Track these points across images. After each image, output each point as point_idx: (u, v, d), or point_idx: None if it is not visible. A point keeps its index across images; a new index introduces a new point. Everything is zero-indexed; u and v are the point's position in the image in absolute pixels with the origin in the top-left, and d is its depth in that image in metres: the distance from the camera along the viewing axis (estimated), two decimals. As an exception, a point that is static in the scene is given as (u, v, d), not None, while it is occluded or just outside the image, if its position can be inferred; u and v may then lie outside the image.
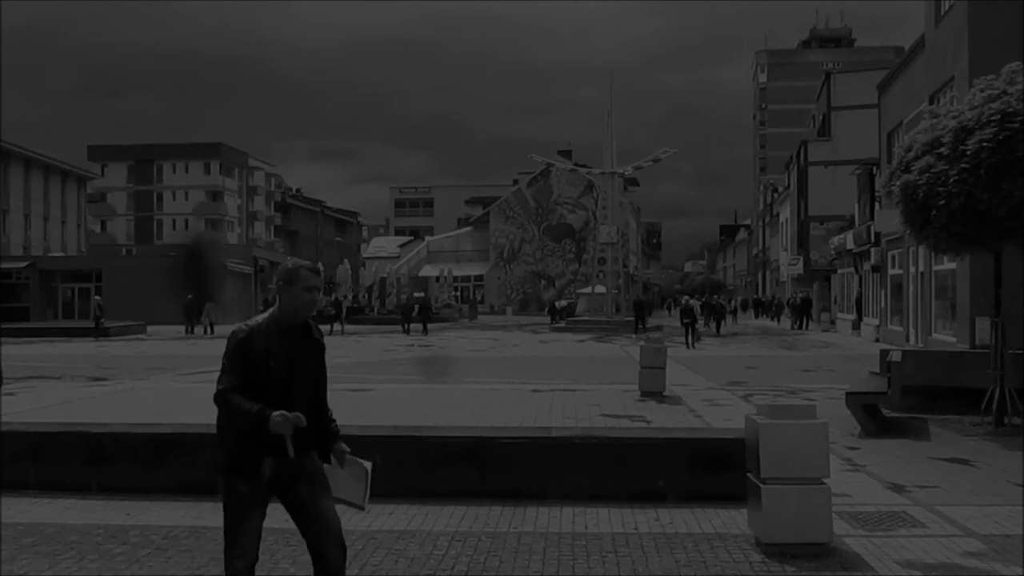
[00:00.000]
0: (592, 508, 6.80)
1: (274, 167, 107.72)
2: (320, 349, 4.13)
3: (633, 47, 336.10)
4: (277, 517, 6.64)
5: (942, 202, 10.31)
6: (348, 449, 4.15)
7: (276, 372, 3.87)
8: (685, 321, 29.20)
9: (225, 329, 37.11)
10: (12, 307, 43.19)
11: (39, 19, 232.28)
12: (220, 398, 3.88)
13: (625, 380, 15.80)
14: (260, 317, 4.03)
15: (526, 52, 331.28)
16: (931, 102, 21.93)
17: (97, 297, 38.22)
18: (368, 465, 4.14)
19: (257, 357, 3.86)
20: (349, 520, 6.57)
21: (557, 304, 54.08)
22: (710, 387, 15.99)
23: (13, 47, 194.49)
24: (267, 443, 3.82)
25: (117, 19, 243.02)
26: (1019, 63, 10.76)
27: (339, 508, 4.09)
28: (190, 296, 37.21)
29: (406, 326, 38.18)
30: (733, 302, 64.15)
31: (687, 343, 27.81)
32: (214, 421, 3.99)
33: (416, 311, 39.68)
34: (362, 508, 4.22)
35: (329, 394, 4.16)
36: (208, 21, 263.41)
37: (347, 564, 5.50)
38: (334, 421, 4.20)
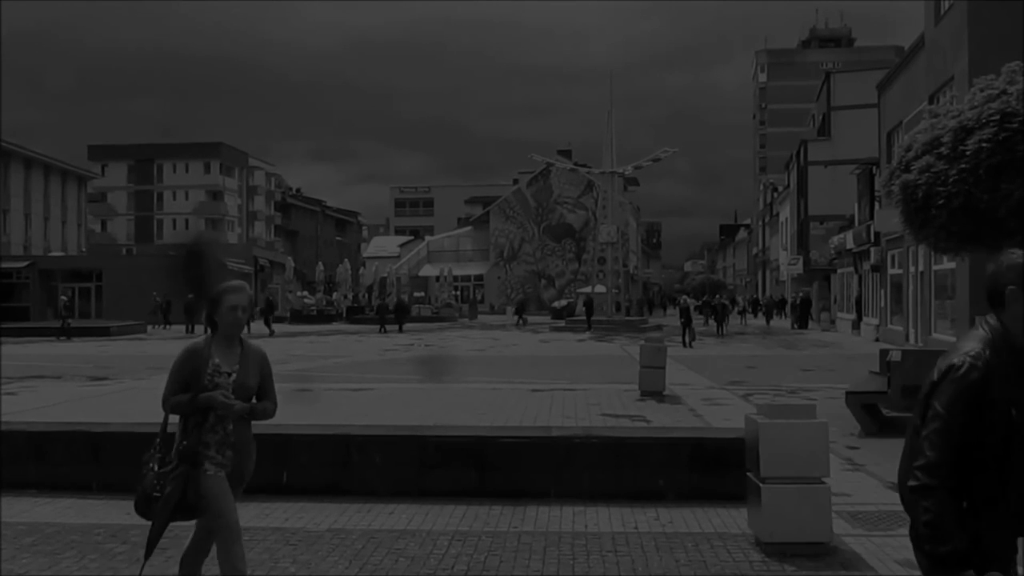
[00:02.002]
0: (592, 508, 6.80)
1: (274, 167, 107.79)
2: None
3: (633, 47, 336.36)
4: (276, 516, 6.66)
5: (942, 201, 10.33)
6: None
7: (1020, 429, 2.50)
8: (683, 320, 29.72)
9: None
10: (12, 307, 43.22)
11: (40, 20, 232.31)
12: (925, 485, 2.53)
13: (625, 380, 15.80)
14: (973, 342, 2.61)
15: (525, 53, 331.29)
16: (931, 102, 21.93)
17: (63, 297, 37.87)
18: None
19: (993, 408, 2.50)
20: (349, 519, 6.59)
21: (557, 304, 54.04)
22: (710, 386, 15.99)
23: (14, 48, 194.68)
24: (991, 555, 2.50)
25: (117, 20, 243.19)
26: (1019, 63, 10.77)
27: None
28: (190, 296, 37.17)
29: (383, 326, 38.37)
30: (742, 301, 63.63)
31: (683, 342, 28.03)
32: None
33: (392, 311, 40.01)
34: None
35: (330, 394, 4.09)
36: (208, 22, 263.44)
37: (348, 563, 5.53)
38: None
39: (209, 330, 4.45)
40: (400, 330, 38.30)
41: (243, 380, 4.32)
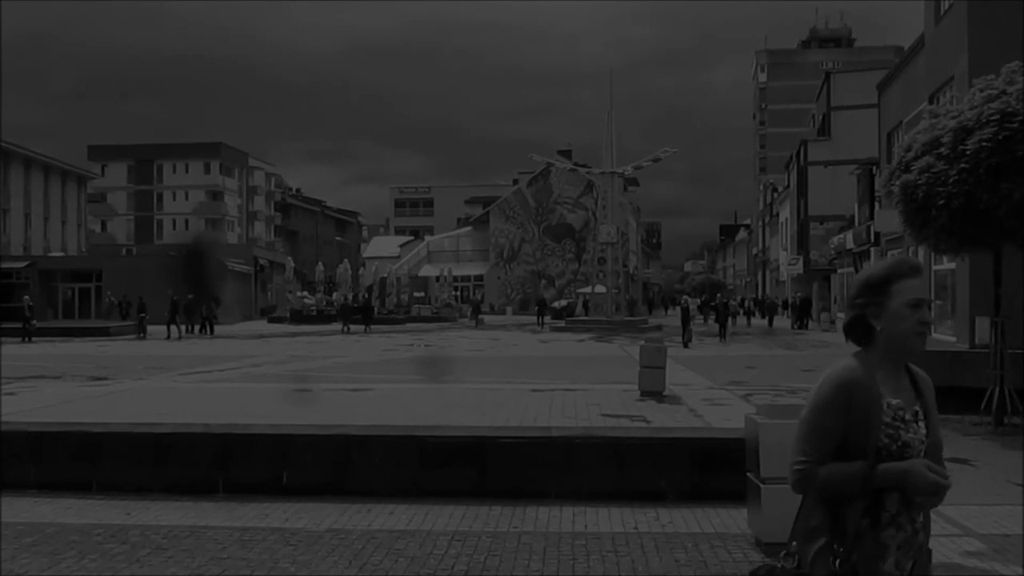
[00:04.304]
0: (592, 508, 6.80)
1: (274, 167, 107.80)
2: None
3: (633, 48, 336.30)
4: (276, 516, 6.66)
5: (942, 202, 10.32)
6: None
7: None
8: (683, 320, 29.95)
9: (225, 329, 37.13)
10: (12, 307, 43.17)
11: (40, 21, 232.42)
12: None
13: (625, 380, 15.79)
14: None
15: (525, 54, 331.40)
16: (931, 102, 21.92)
17: (27, 297, 37.52)
18: None
19: None
20: (349, 519, 6.59)
21: (557, 305, 53.92)
22: (710, 387, 15.98)
23: (14, 49, 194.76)
24: None
25: (118, 22, 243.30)
26: (1018, 63, 10.76)
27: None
28: (190, 296, 37.16)
29: (346, 326, 38.27)
30: (747, 302, 63.44)
31: (683, 342, 28.13)
32: (213, 420, 3.90)
33: (357, 311, 40.12)
34: None
35: (329, 394, 4.05)
36: (208, 24, 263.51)
37: (348, 563, 5.53)
38: None
39: (862, 350, 2.62)
40: (366, 331, 37.50)
41: (936, 435, 2.63)
